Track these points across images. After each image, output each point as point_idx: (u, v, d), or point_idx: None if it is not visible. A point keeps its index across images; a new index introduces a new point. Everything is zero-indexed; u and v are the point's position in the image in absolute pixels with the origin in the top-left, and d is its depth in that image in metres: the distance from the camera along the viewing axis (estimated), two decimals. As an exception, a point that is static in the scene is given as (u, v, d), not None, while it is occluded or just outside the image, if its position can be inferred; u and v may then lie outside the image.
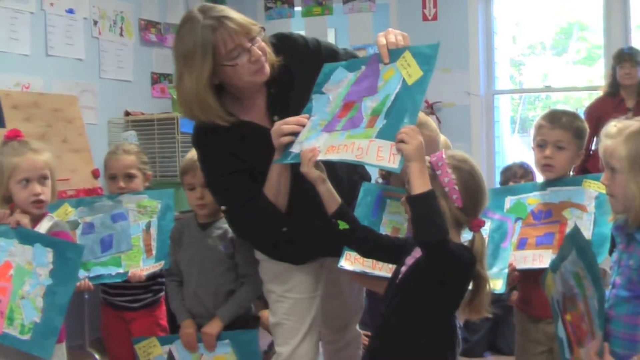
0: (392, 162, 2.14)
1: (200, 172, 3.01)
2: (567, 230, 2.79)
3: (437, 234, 2.10)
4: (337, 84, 2.47)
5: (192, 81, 2.48)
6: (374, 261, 2.72)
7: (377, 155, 2.18)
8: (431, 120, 3.02)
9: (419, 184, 2.11)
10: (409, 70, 2.27)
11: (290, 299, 2.83)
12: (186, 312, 3.24)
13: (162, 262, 3.38)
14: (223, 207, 2.79)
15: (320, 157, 2.31)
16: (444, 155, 2.28)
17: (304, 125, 2.45)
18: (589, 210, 2.79)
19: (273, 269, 2.85)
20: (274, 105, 2.65)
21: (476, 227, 2.27)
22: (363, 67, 2.41)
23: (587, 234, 2.76)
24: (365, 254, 2.54)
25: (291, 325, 2.84)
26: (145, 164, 3.62)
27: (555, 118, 2.89)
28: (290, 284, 2.83)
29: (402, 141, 2.13)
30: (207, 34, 2.43)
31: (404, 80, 2.27)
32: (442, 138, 3.03)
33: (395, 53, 2.36)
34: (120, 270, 3.37)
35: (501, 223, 2.82)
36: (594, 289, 1.98)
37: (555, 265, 2.23)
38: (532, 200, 2.90)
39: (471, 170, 2.27)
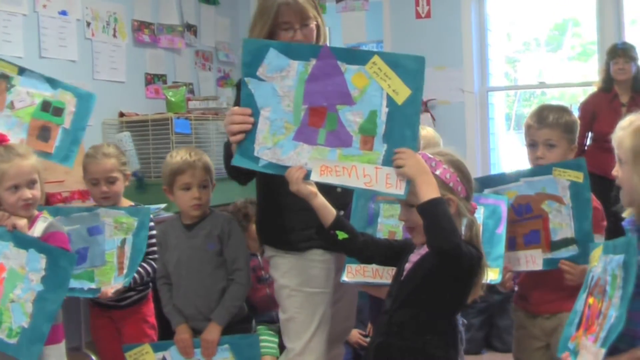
0: (399, 189, 2.22)
1: (198, 172, 3.14)
2: (550, 225, 2.81)
3: (450, 240, 2.13)
4: (279, 72, 2.42)
5: (258, 31, 2.82)
6: (375, 270, 2.74)
7: (385, 182, 2.25)
8: (431, 131, 3.07)
9: (426, 193, 2.15)
10: (391, 83, 2.26)
11: (302, 293, 2.87)
12: (181, 317, 3.23)
13: (122, 282, 3.25)
14: None
15: (315, 178, 2.33)
16: (430, 155, 2.30)
17: (252, 123, 2.47)
18: (566, 202, 2.79)
19: (286, 263, 2.91)
20: None
21: (472, 211, 2.33)
22: (313, 60, 2.37)
23: (570, 231, 2.78)
24: (366, 260, 2.57)
25: (303, 319, 2.88)
26: (125, 164, 3.55)
27: (542, 117, 2.89)
28: (303, 277, 2.87)
29: (399, 166, 2.20)
30: (276, 1, 2.79)
31: (389, 97, 2.26)
32: (430, 132, 3.06)
33: (358, 55, 2.35)
34: (93, 286, 3.28)
35: (495, 207, 2.81)
36: (619, 304, 1.99)
37: (607, 248, 2.19)
38: (510, 193, 2.90)
39: (459, 159, 2.33)
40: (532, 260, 2.82)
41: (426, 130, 3.20)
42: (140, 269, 3.30)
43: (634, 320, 1.97)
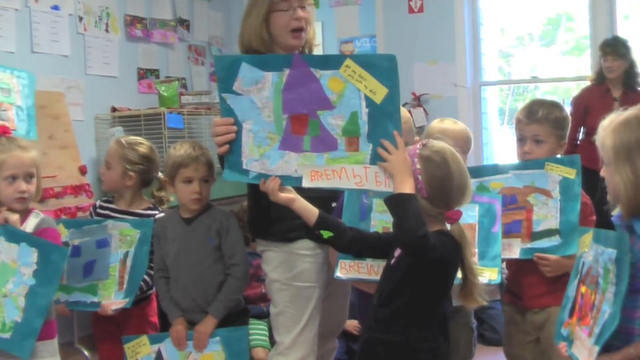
0: (388, 186, 2.24)
1: (201, 166, 3.16)
2: (534, 217, 2.83)
3: (414, 234, 2.13)
4: (255, 84, 2.45)
5: (253, 18, 2.89)
6: (370, 266, 2.75)
7: (375, 181, 2.27)
8: (403, 109, 3.06)
9: (398, 189, 2.17)
10: (367, 84, 2.27)
11: (292, 287, 2.89)
12: (178, 310, 3.24)
13: (127, 300, 3.27)
14: None
15: (307, 184, 2.35)
16: (418, 147, 2.29)
17: (235, 132, 2.51)
18: (554, 195, 2.81)
19: (277, 257, 2.92)
20: None
21: (449, 219, 2.27)
22: (286, 70, 2.39)
23: (555, 222, 2.79)
24: (356, 254, 2.56)
25: (292, 313, 2.90)
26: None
27: (531, 112, 2.90)
28: (294, 271, 2.89)
29: (383, 160, 2.22)
30: None
31: (368, 97, 2.28)
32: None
33: (330, 60, 2.37)
34: (95, 300, 3.30)
35: (489, 206, 2.81)
36: (613, 301, 1.99)
37: (597, 237, 2.19)
38: (495, 184, 2.91)
39: (441, 161, 2.27)
40: (510, 248, 2.84)
41: (459, 126, 3.20)
42: (146, 276, 3.35)
43: (627, 317, 1.98)
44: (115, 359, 3.47)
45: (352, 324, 4.40)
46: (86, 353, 4.62)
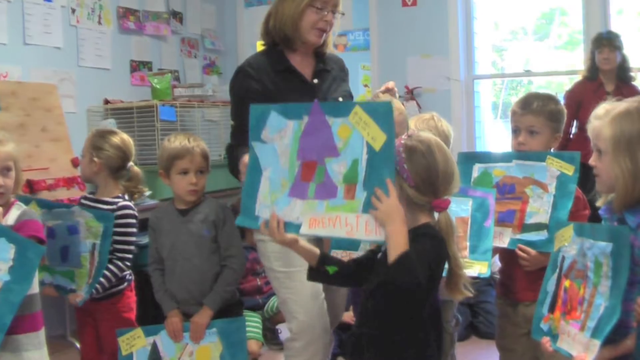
0: (379, 234, 2.20)
1: (197, 157, 3.20)
2: (528, 209, 2.83)
3: (411, 284, 2.10)
4: (278, 132, 2.46)
5: (293, 6, 3.06)
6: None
7: (365, 229, 2.23)
8: (397, 101, 3.07)
9: (393, 247, 2.12)
10: (369, 131, 2.28)
11: (285, 273, 2.98)
12: (172, 302, 3.24)
13: (83, 296, 3.30)
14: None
15: (304, 231, 2.34)
16: (403, 137, 2.30)
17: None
18: (550, 190, 2.81)
19: (269, 247, 2.99)
20: (317, 72, 3.19)
21: (437, 207, 2.25)
22: (305, 117, 2.41)
23: (545, 217, 2.80)
24: (360, 283, 2.53)
25: (295, 299, 2.97)
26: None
27: (526, 103, 2.91)
28: (285, 258, 2.96)
29: (374, 208, 2.19)
30: None
31: (368, 144, 2.28)
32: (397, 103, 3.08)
33: (342, 107, 2.38)
34: (73, 287, 3.34)
35: (482, 200, 2.82)
36: (609, 295, 1.99)
37: (581, 230, 2.18)
38: (498, 171, 2.92)
39: (426, 150, 2.26)
40: (500, 237, 2.85)
41: (442, 124, 3.27)
42: (107, 272, 3.32)
43: (623, 310, 1.98)
44: (95, 353, 3.48)
45: (349, 315, 4.41)
46: (78, 346, 4.61)
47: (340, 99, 3.16)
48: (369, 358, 2.30)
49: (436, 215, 2.29)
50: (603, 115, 2.15)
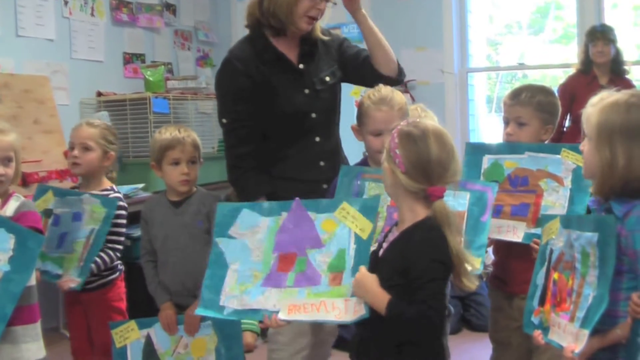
0: (362, 310, 2.25)
1: (187, 147, 3.20)
2: (543, 202, 2.79)
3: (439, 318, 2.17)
4: (251, 229, 2.47)
5: None
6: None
7: (354, 311, 2.28)
8: (399, 94, 3.07)
9: (376, 306, 2.19)
10: (358, 223, 2.36)
11: None
12: (166, 295, 3.23)
13: (79, 280, 3.25)
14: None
15: (283, 316, 2.36)
16: (402, 123, 2.29)
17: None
18: (566, 184, 2.77)
19: None
20: (301, 56, 3.15)
21: (432, 195, 2.21)
22: (284, 214, 2.43)
23: (562, 211, 2.74)
24: None
25: None
26: (109, 142, 3.53)
27: (515, 94, 2.91)
28: None
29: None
30: None
31: (357, 235, 2.35)
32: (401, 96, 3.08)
33: (326, 205, 2.43)
34: (60, 272, 3.28)
35: (481, 194, 2.74)
36: (596, 285, 2.00)
37: (568, 222, 2.19)
38: (510, 163, 2.87)
39: (419, 136, 2.22)
40: (514, 231, 2.80)
41: (426, 114, 3.30)
42: (97, 258, 3.29)
43: (612, 300, 1.99)
44: (85, 345, 3.46)
45: None
46: (70, 338, 4.61)
47: (327, 79, 3.16)
48: (374, 357, 2.30)
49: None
50: (596, 103, 2.16)
